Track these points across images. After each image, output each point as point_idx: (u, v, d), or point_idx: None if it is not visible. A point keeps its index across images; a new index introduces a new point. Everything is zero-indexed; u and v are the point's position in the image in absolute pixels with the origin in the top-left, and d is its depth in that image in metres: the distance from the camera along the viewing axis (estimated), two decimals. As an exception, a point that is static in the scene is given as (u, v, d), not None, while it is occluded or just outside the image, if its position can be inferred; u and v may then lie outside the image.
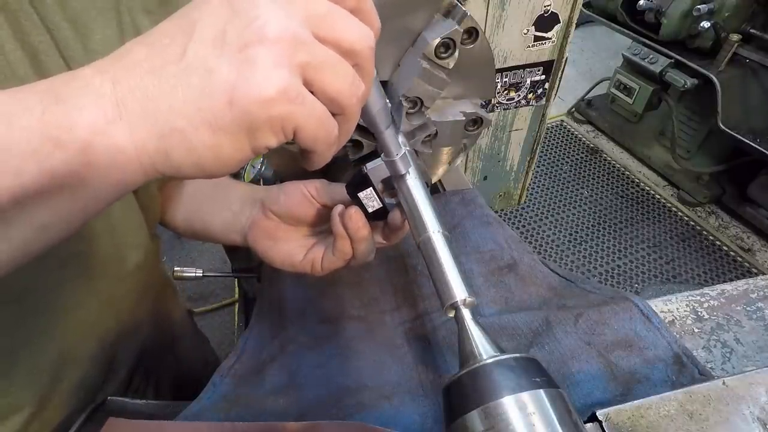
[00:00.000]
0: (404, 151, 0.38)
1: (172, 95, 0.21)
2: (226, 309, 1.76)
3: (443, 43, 0.43)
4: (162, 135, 0.22)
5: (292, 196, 0.45)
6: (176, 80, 0.21)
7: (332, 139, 0.25)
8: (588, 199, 2.02)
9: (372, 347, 0.50)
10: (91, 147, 0.21)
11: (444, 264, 0.37)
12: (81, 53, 0.36)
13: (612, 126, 2.26)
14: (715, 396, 0.37)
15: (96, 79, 0.21)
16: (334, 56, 0.23)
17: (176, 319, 0.71)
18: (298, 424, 0.39)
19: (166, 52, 0.22)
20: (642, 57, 1.85)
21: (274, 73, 0.21)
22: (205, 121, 0.21)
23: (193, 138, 0.22)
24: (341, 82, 0.23)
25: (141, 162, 0.22)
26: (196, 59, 0.21)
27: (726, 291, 0.51)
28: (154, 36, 0.23)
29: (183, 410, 0.46)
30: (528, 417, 0.28)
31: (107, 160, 0.21)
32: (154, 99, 0.21)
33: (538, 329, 0.48)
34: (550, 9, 1.06)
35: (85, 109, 0.21)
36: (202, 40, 0.21)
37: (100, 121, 0.21)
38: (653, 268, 1.74)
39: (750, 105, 1.63)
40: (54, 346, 0.43)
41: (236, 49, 0.21)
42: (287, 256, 0.45)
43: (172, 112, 0.21)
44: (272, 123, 0.22)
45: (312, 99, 0.23)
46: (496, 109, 1.24)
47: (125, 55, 0.22)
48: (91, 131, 0.21)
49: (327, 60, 0.23)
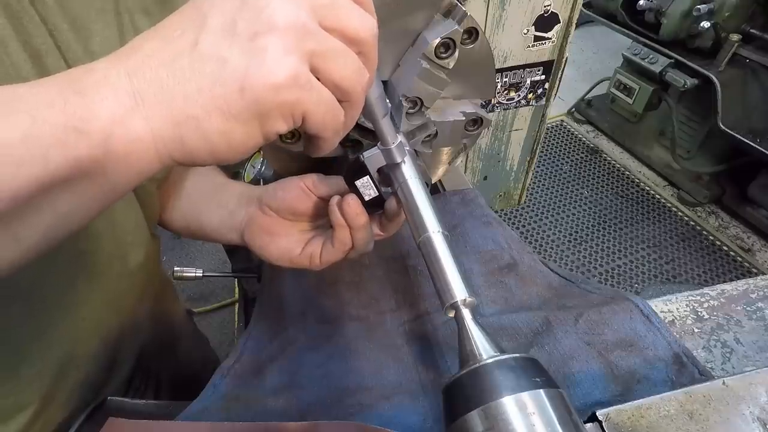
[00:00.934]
0: (400, 140, 0.39)
1: (186, 84, 0.22)
2: (226, 309, 1.76)
3: (443, 43, 0.43)
4: (177, 123, 0.22)
5: (290, 190, 0.45)
6: (190, 70, 0.22)
7: (339, 124, 0.26)
8: (588, 199, 2.02)
9: (372, 347, 0.50)
10: (111, 136, 0.22)
11: (444, 264, 0.37)
12: (81, 54, 0.36)
13: (612, 126, 2.26)
14: (715, 396, 0.37)
15: (112, 71, 0.22)
16: (340, 45, 0.24)
17: (176, 320, 0.72)
18: (298, 424, 0.39)
19: (177, 43, 0.22)
20: (642, 57, 1.84)
21: (284, 60, 0.22)
22: (218, 108, 0.22)
23: (207, 125, 0.22)
24: (347, 69, 0.24)
25: (157, 149, 0.23)
26: (209, 49, 0.22)
27: (726, 291, 0.51)
28: (165, 29, 0.23)
29: (183, 410, 0.46)
30: (528, 417, 0.28)
31: (126, 149, 0.22)
32: (168, 89, 0.22)
33: (538, 329, 0.48)
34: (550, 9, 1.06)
35: (104, 100, 0.22)
36: (213, 31, 0.22)
37: (119, 112, 0.22)
38: (653, 268, 1.74)
39: (750, 105, 1.63)
40: (59, 345, 0.43)
41: (246, 38, 0.22)
42: (285, 251, 0.45)
43: (187, 100, 0.22)
44: (282, 109, 0.23)
45: (320, 85, 0.24)
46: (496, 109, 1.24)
47: (138, 48, 0.23)
48: (111, 121, 0.22)
49: (334, 48, 0.24)
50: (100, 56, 0.22)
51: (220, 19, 0.22)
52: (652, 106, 1.94)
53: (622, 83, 2.01)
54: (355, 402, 0.44)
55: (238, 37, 0.22)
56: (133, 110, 0.22)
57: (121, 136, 0.22)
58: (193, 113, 0.22)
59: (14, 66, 0.31)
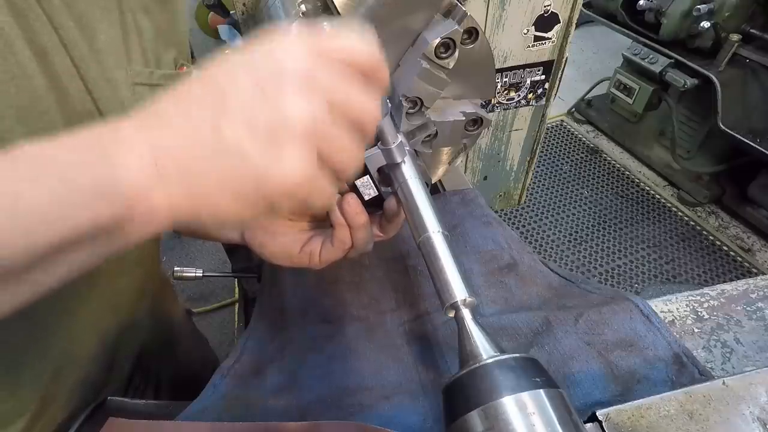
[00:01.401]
0: (400, 140, 0.39)
1: (207, 171, 0.24)
2: (226, 309, 1.76)
3: (443, 43, 0.43)
4: (194, 200, 0.25)
5: None
6: (212, 158, 0.24)
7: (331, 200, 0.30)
8: (588, 199, 2.02)
9: (372, 347, 0.50)
10: (133, 205, 0.24)
11: (444, 264, 0.37)
12: (87, 52, 0.36)
13: (612, 126, 2.26)
14: (715, 396, 0.37)
15: (138, 140, 0.24)
16: (347, 139, 0.26)
17: (175, 320, 0.72)
18: (298, 424, 0.39)
19: (201, 125, 0.24)
20: (642, 57, 1.84)
21: (299, 165, 0.24)
22: (234, 195, 0.25)
23: (221, 206, 0.25)
24: (348, 157, 0.27)
25: (174, 216, 0.25)
26: (230, 139, 0.23)
27: (726, 291, 0.51)
28: (187, 101, 0.25)
29: (183, 410, 0.46)
30: (528, 417, 0.28)
31: (145, 216, 0.25)
32: (190, 171, 0.24)
33: (538, 329, 0.48)
34: (550, 9, 1.06)
35: (129, 171, 0.23)
36: (234, 118, 0.24)
37: (143, 184, 0.24)
38: (653, 268, 1.74)
39: (750, 105, 1.62)
40: (58, 345, 0.43)
41: (265, 134, 0.23)
42: (284, 250, 0.45)
43: (207, 186, 0.24)
44: (291, 202, 0.26)
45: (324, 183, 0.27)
46: (496, 109, 1.23)
47: (162, 117, 0.25)
48: (135, 192, 0.24)
49: (341, 145, 0.26)
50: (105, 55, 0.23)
51: (241, 106, 0.24)
52: (652, 106, 1.94)
53: (622, 83, 2.01)
54: (355, 402, 0.44)
55: (258, 131, 0.23)
56: (156, 184, 0.24)
57: (143, 205, 0.24)
58: (210, 195, 0.24)
59: (19, 64, 0.31)
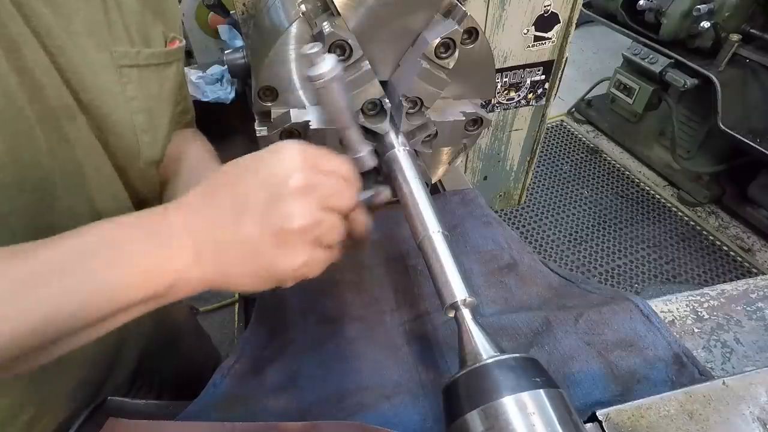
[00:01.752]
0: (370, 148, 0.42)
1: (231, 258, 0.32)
2: (226, 309, 1.76)
3: (443, 43, 0.43)
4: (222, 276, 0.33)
5: None
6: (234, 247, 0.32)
7: None
8: (588, 199, 2.02)
9: (372, 347, 0.50)
10: (176, 283, 0.31)
11: (444, 264, 0.37)
12: (65, 38, 0.35)
13: (612, 126, 2.26)
14: (715, 396, 0.37)
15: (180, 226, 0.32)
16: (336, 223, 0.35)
17: (178, 319, 0.72)
18: (298, 424, 0.39)
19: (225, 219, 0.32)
20: (642, 57, 1.84)
21: (301, 254, 0.32)
22: (251, 275, 0.33)
23: (242, 281, 0.33)
24: (335, 236, 0.35)
25: (203, 287, 0.33)
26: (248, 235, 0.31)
27: (726, 291, 0.51)
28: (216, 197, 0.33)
29: (183, 410, 0.46)
30: (528, 417, 0.28)
31: (182, 290, 0.32)
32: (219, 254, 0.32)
33: (538, 329, 0.48)
34: (550, 9, 1.06)
35: (174, 257, 0.31)
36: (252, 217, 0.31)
37: (184, 268, 0.31)
38: (653, 268, 1.74)
39: (750, 105, 1.62)
40: None
41: (275, 231, 0.31)
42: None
43: (231, 265, 0.32)
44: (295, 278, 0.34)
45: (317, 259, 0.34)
46: (496, 109, 1.23)
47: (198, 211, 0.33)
48: (177, 275, 0.31)
49: (331, 230, 0.34)
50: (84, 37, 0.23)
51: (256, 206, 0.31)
52: (652, 106, 1.94)
53: (622, 83, 2.01)
54: (355, 402, 0.44)
55: (269, 228, 0.31)
56: (194, 265, 0.31)
57: (183, 282, 0.32)
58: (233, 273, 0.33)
59: None
